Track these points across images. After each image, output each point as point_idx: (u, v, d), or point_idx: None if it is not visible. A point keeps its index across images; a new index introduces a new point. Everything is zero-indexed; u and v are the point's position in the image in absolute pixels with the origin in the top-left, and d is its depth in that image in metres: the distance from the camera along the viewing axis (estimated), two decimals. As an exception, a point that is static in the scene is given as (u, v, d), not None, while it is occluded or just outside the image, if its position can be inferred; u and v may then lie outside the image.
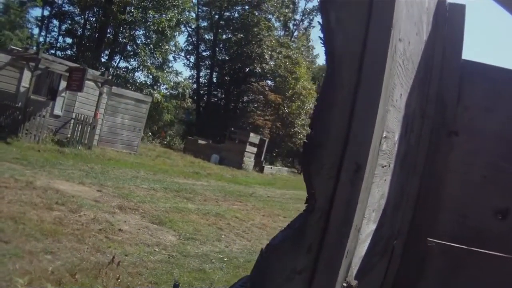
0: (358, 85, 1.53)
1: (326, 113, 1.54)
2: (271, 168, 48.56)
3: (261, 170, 44.96)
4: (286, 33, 69.38)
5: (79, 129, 26.88)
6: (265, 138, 49.09)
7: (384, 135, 1.96)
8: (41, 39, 50.71)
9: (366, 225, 2.10)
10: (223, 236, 13.96)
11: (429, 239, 3.78)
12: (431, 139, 3.74)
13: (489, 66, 4.03)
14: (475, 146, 3.87)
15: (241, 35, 59.68)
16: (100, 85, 28.02)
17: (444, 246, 3.78)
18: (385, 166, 2.23)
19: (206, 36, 65.29)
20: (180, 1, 46.75)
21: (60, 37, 51.32)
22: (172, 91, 53.26)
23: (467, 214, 3.83)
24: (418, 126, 3.40)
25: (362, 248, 2.17)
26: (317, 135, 1.55)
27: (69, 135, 26.89)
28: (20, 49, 27.14)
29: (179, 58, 63.82)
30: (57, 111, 27.29)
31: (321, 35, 1.55)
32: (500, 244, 3.68)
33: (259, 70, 59.54)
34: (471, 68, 3.91)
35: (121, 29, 47.54)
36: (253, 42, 58.61)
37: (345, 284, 1.65)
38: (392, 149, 2.34)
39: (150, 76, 47.76)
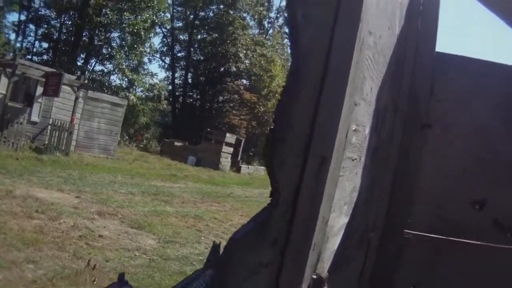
0: (324, 79, 1.56)
1: (289, 107, 1.57)
2: (248, 167, 48.39)
3: (238, 170, 44.80)
4: (261, 31, 69.23)
5: (56, 135, 26.76)
6: (241, 138, 48.92)
7: (354, 128, 2.00)
8: (18, 44, 50.52)
9: (338, 218, 2.14)
10: (202, 238, 14.00)
11: (406, 230, 3.87)
12: (404, 132, 3.76)
13: (465, 58, 4.06)
14: (450, 139, 3.88)
15: (216, 35, 59.57)
16: (76, 90, 27.97)
17: (420, 237, 3.81)
18: (355, 159, 2.26)
19: (181, 37, 65.04)
20: (155, 2, 46.65)
21: (37, 42, 51.32)
22: (147, 93, 53.20)
23: (444, 206, 3.85)
24: (390, 120, 3.44)
25: (335, 241, 2.20)
26: (280, 129, 1.57)
27: (46, 142, 26.75)
28: (-4, 55, 26.96)
29: (154, 59, 63.70)
30: (34, 117, 27.15)
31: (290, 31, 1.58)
32: (478, 234, 3.76)
33: (234, 70, 59.43)
34: (446, 61, 3.92)
35: (96, 32, 47.44)
36: (228, 41, 58.50)
37: (314, 276, 1.67)
38: (362, 142, 2.37)
39: (126, 79, 47.64)
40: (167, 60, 65.03)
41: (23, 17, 50.50)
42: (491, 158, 3.80)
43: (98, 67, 49.82)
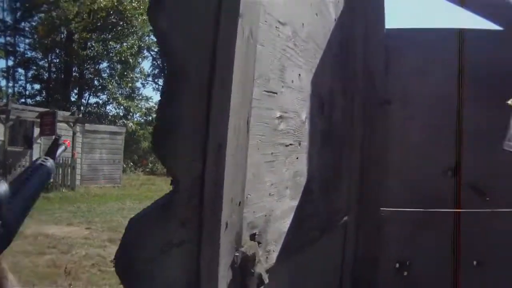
0: (211, 74, 1.64)
1: (174, 105, 1.67)
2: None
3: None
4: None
5: (60, 172, 26.86)
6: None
7: (279, 115, 2.11)
8: (10, 90, 50.57)
9: (279, 202, 2.21)
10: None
11: (382, 208, 3.95)
12: (365, 112, 3.81)
13: (416, 30, 4.17)
14: (411, 111, 3.98)
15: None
16: (72, 125, 28.10)
17: (397, 213, 3.93)
18: (291, 144, 2.32)
19: (171, 57, 64.78)
20: (138, 27, 46.71)
21: (28, 85, 51.21)
22: (146, 118, 53.25)
23: (416, 178, 3.98)
24: (341, 102, 3.41)
25: (281, 225, 2.27)
26: (168, 124, 1.66)
27: (51, 180, 26.82)
28: (-12, 104, 27.13)
29: (147, 83, 63.45)
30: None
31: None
32: (455, 202, 3.86)
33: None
34: (397, 36, 4.01)
35: (85, 66, 47.49)
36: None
37: (237, 254, 1.76)
38: (299, 127, 2.44)
39: (122, 107, 47.76)
40: (160, 82, 64.84)
41: (10, 62, 50.63)
42: (455, 125, 3.87)
43: (93, 100, 50.01)
